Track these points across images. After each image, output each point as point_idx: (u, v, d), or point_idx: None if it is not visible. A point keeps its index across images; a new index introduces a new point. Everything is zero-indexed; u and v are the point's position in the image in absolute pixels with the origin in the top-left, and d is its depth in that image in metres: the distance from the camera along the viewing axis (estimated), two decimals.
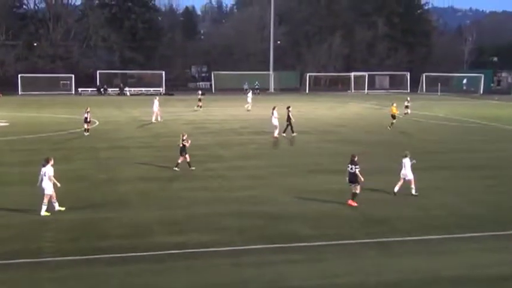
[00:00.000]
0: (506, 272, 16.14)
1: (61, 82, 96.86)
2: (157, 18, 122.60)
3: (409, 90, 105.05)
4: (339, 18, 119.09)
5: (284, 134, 42.20)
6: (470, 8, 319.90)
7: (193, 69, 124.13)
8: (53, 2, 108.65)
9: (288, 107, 43.40)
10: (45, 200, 21.08)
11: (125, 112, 61.42)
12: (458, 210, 22.37)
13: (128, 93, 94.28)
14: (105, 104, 71.68)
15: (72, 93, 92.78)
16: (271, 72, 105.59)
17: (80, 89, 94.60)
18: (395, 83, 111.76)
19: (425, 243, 18.46)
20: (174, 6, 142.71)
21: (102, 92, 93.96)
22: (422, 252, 17.73)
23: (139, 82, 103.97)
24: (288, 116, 42.51)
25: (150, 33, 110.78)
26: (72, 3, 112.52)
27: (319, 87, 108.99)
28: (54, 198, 21.40)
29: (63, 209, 21.45)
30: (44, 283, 15.23)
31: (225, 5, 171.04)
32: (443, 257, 17.21)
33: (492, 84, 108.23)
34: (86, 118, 42.73)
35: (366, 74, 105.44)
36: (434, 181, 27.34)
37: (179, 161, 29.05)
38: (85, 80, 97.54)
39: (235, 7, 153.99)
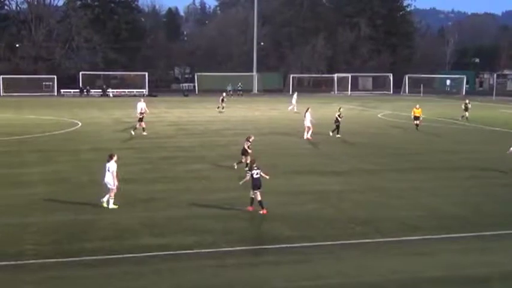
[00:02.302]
0: (487, 273, 16.26)
1: (43, 83, 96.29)
2: (140, 19, 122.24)
3: (392, 92, 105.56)
4: (322, 20, 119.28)
5: (338, 135, 42.63)
6: (452, 10, 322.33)
7: (177, 70, 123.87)
8: (35, 2, 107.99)
9: (339, 108, 44.46)
10: (112, 194, 21.95)
11: (108, 114, 61.18)
12: (439, 211, 22.48)
13: (111, 95, 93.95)
14: (87, 106, 71.42)
15: (54, 95, 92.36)
16: (254, 73, 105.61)
17: (62, 90, 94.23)
18: (379, 85, 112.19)
19: (407, 244, 18.57)
20: (157, 7, 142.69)
21: (85, 93, 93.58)
22: (404, 253, 17.84)
23: (122, 83, 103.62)
24: (338, 116, 43.15)
25: (133, 34, 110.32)
26: (55, 4, 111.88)
27: (303, 88, 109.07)
28: (112, 194, 22.13)
29: (116, 206, 21.94)
30: (25, 286, 15.12)
31: (208, 6, 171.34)
32: (425, 258, 17.31)
33: (467, 86, 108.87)
34: (141, 118, 43.57)
35: (349, 75, 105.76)
36: (415, 182, 27.50)
37: (242, 161, 29.35)
38: (68, 81, 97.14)
39: (218, 8, 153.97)
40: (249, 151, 29.42)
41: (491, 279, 15.82)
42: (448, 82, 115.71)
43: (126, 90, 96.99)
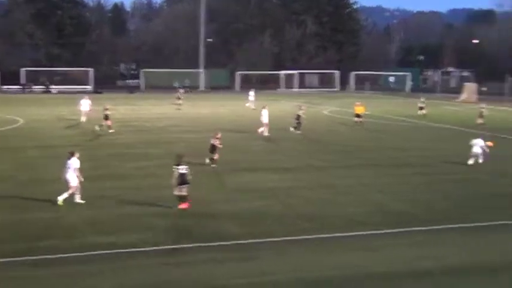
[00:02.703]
0: (433, 266, 16.41)
1: None
2: (85, 14, 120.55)
3: (338, 89, 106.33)
4: (269, 17, 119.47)
5: (294, 130, 43.56)
6: (398, 8, 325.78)
7: (122, 66, 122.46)
8: None
9: (300, 106, 45.28)
10: (70, 191, 21.82)
11: (51, 110, 60.04)
12: (387, 207, 22.66)
13: (54, 91, 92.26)
14: (30, 102, 70.11)
15: None
16: (201, 70, 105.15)
17: (4, 87, 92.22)
18: (325, 82, 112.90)
19: (354, 240, 18.62)
20: (102, 2, 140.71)
21: (28, 90, 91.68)
22: (351, 248, 17.89)
23: (66, 80, 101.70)
24: (299, 114, 44.13)
25: (78, 29, 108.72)
26: None
27: (250, 85, 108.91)
28: (78, 190, 21.94)
29: (83, 202, 21.91)
30: None
31: (154, 2, 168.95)
32: (371, 253, 17.42)
33: (412, 83, 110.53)
34: (106, 116, 42.30)
35: (296, 72, 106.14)
36: (364, 179, 27.64)
37: (215, 157, 29.77)
38: (9, 77, 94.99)
39: (165, 4, 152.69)
40: (220, 146, 29.90)
41: (435, 273, 15.96)
42: (391, 79, 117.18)
43: (70, 87, 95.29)
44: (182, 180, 21.37)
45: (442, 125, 50.83)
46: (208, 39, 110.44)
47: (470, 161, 31.02)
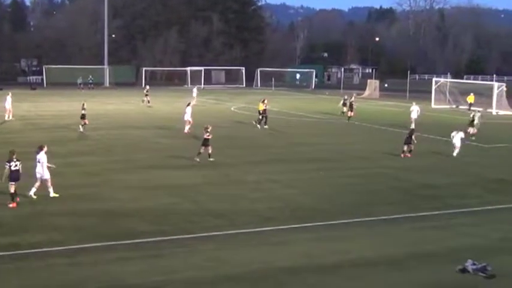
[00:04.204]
0: (338, 260, 16.70)
1: None
2: None
3: (244, 85, 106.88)
4: (175, 13, 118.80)
5: (259, 126, 44.33)
6: (302, 6, 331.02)
7: (23, 62, 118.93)
8: None
9: (263, 100, 45.48)
10: (37, 184, 22.05)
11: None
12: (294, 202, 22.91)
13: None
14: None
15: None
16: (106, 66, 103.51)
17: None
18: (231, 78, 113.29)
19: (261, 235, 18.75)
20: None
21: None
22: (258, 244, 18.01)
23: None
24: (264, 109, 44.75)
25: None
26: None
27: (156, 82, 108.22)
28: (49, 183, 22.27)
29: (57, 195, 22.17)
30: None
31: None
32: (278, 248, 17.58)
33: (316, 79, 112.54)
34: (83, 115, 40.85)
35: (202, 68, 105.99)
36: (272, 174, 27.84)
37: (201, 151, 29.98)
38: None
39: None
40: (210, 137, 30.34)
41: (341, 266, 16.24)
42: (297, 76, 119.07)
43: None
44: (15, 176, 21.14)
45: (346, 120, 51.60)
46: (112, 35, 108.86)
47: (455, 153, 32.95)
